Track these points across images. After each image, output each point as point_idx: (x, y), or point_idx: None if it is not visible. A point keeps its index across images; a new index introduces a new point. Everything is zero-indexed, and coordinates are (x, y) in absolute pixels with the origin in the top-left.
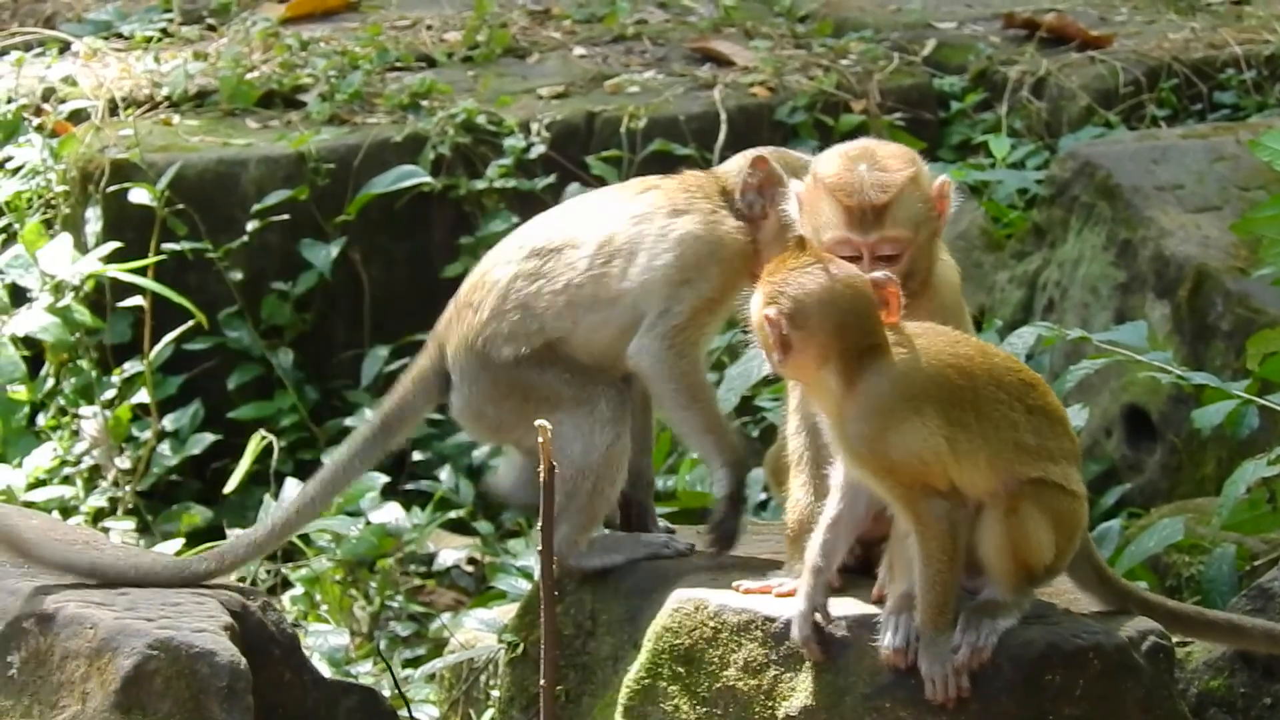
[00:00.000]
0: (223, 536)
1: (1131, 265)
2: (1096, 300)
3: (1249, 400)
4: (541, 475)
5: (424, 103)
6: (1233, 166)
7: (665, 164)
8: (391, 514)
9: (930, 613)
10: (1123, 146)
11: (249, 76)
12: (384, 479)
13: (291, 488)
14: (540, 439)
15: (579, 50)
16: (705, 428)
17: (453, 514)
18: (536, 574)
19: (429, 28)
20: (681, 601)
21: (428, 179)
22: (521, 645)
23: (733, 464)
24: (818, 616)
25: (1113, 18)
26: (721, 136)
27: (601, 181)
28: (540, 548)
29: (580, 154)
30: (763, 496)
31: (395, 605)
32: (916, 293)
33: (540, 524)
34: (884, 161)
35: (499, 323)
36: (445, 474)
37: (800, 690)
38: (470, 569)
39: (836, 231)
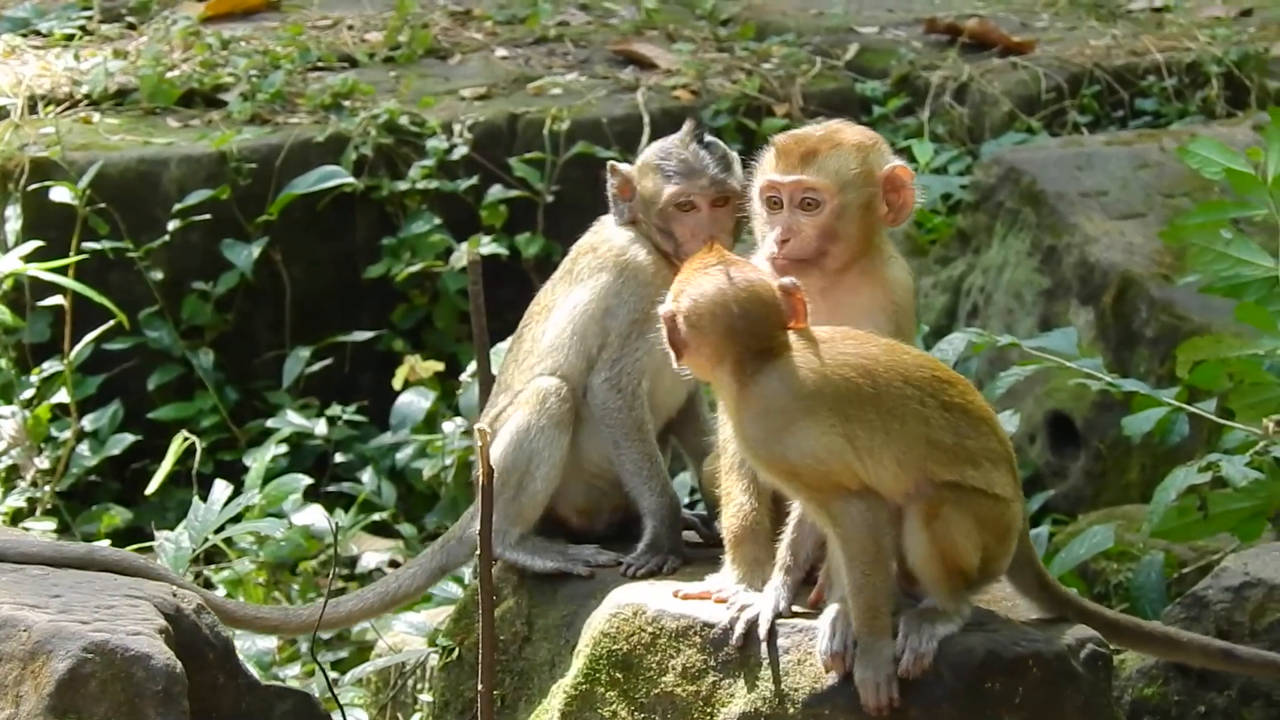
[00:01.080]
0: (143, 538)
1: (1056, 271)
2: (1021, 306)
3: (1179, 408)
4: (480, 479)
5: (346, 103)
6: (1157, 173)
7: (588, 167)
8: (314, 516)
9: (862, 617)
10: (1047, 152)
11: (169, 75)
12: (307, 481)
13: (219, 490)
14: (479, 442)
15: (501, 52)
16: (633, 469)
17: (376, 516)
18: (467, 577)
19: (350, 28)
20: (620, 606)
21: (350, 179)
22: (456, 650)
23: (655, 511)
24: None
25: (1034, 24)
26: (645, 139)
27: (523, 183)
28: (479, 551)
29: (503, 155)
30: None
31: None
32: (851, 275)
33: (478, 526)
34: (839, 128)
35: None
36: (367, 476)
37: (739, 696)
38: (392, 571)
39: (765, 174)
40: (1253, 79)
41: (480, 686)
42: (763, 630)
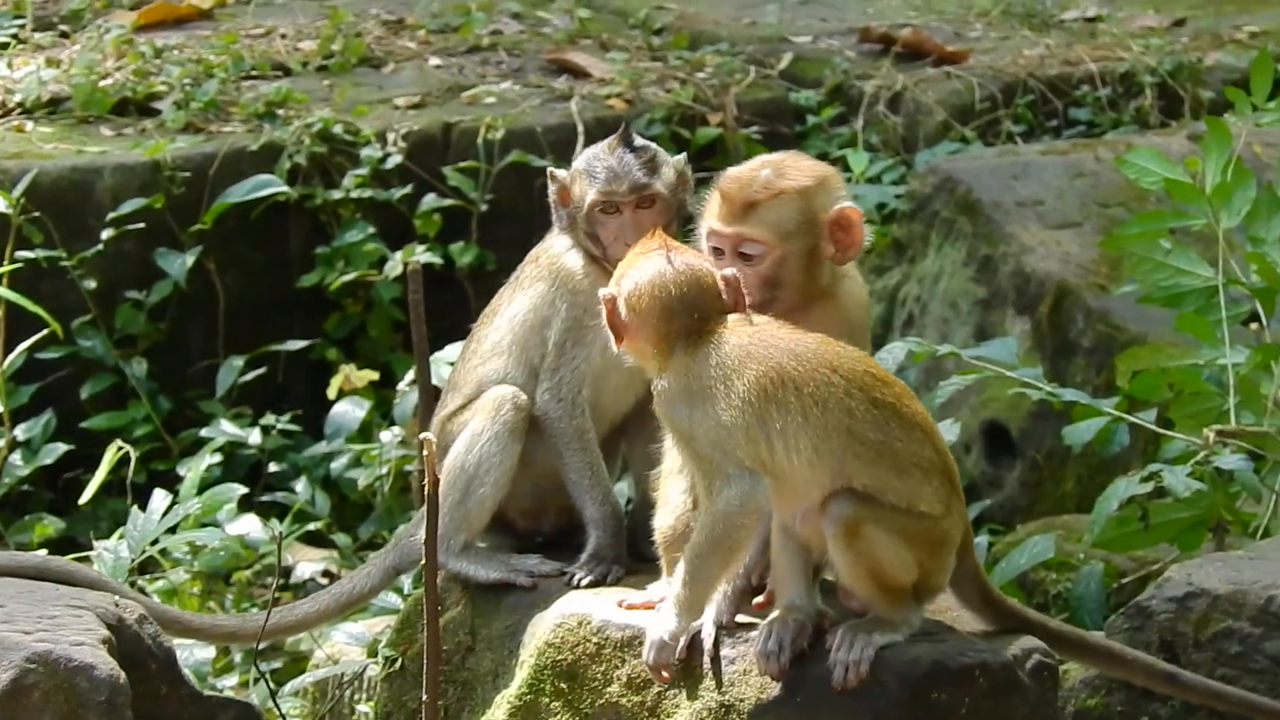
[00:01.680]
0: (76, 548)
1: (992, 281)
2: (956, 316)
3: (1119, 417)
4: (426, 487)
5: (280, 112)
6: (1092, 183)
7: (522, 175)
8: (249, 526)
9: (677, 590)
10: (983, 162)
11: (103, 84)
12: (241, 490)
13: (158, 499)
14: (424, 451)
15: (434, 61)
16: (576, 478)
17: (310, 526)
18: (408, 586)
19: (283, 36)
20: (564, 616)
21: (284, 188)
22: (399, 660)
23: (599, 520)
24: (716, 631)
25: (968, 34)
26: (579, 148)
27: (457, 192)
28: (424, 561)
29: (437, 164)
30: None
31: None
32: (810, 306)
33: (424, 536)
34: (786, 168)
35: None
36: (301, 486)
37: (684, 707)
38: (326, 581)
39: (708, 221)
40: (1186, 89)
41: (425, 697)
42: (706, 641)
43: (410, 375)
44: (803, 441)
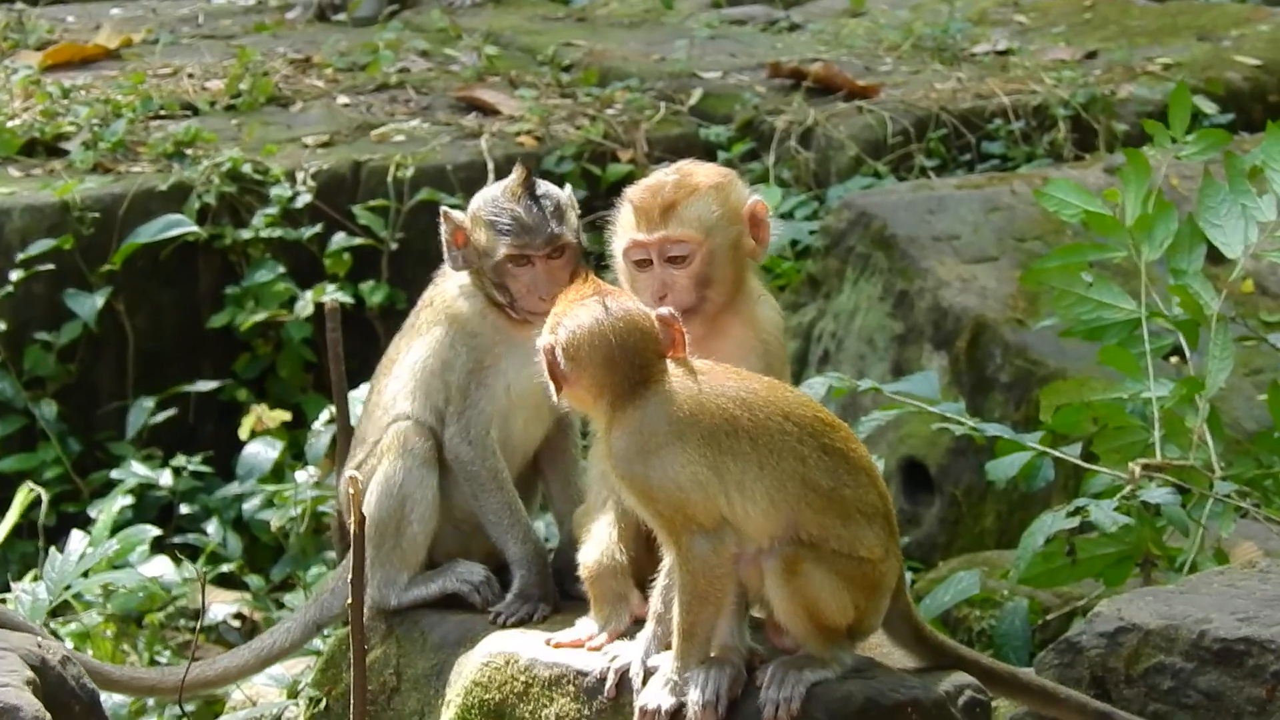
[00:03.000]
0: None
1: (909, 316)
2: (873, 352)
3: (1044, 452)
4: (352, 527)
5: (189, 151)
6: (1008, 217)
7: (432, 213)
8: (161, 568)
9: (678, 650)
10: (898, 196)
11: (11, 124)
12: (154, 532)
13: (76, 540)
14: (350, 490)
15: (343, 99)
16: (495, 519)
17: (223, 568)
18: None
19: (191, 76)
20: (492, 655)
21: (193, 228)
22: (324, 700)
23: (521, 559)
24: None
25: (878, 68)
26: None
27: (367, 231)
28: (350, 601)
29: (347, 203)
30: None
31: (164, 660)
32: (721, 315)
33: (350, 576)
34: (690, 171)
35: None
36: (213, 527)
37: None
38: (239, 624)
39: (627, 235)
40: (1100, 121)
41: None
42: (635, 680)
43: (325, 415)
44: (758, 492)
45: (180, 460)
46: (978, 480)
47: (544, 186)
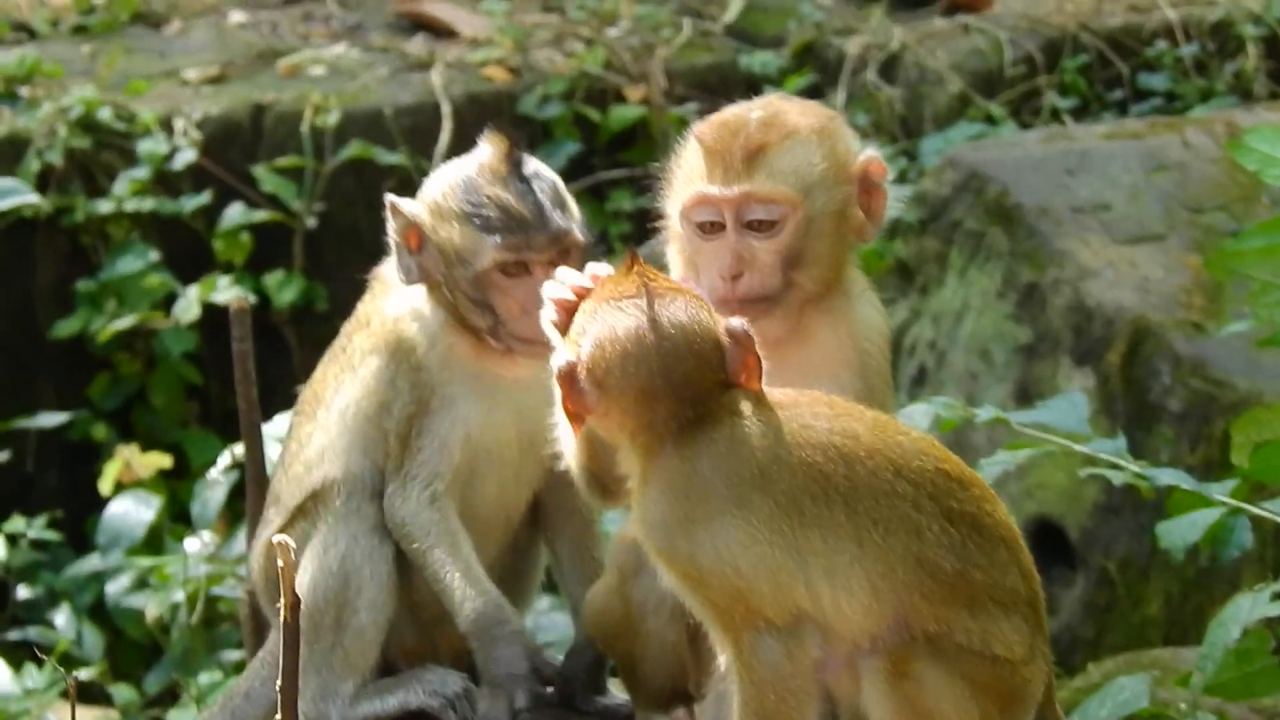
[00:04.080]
0: None
1: (1039, 319)
2: (989, 369)
3: (1238, 509)
4: (281, 611)
5: (23, 90)
6: (1178, 179)
7: (365, 177)
8: None
9: None
10: (1022, 151)
11: None
12: None
13: None
14: (280, 560)
15: (237, 16)
16: (444, 583)
17: (79, 674)
18: None
19: None
20: None
21: (31, 198)
22: None
23: (481, 628)
24: None
25: None
26: (444, 138)
27: (274, 202)
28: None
29: (245, 162)
30: None
31: None
32: (808, 311)
33: (278, 681)
34: (783, 107)
35: None
36: (63, 618)
37: None
38: None
39: (693, 186)
40: None
41: None
42: None
43: (223, 459)
44: (856, 580)
45: (17, 524)
46: (1138, 549)
47: (533, 163)
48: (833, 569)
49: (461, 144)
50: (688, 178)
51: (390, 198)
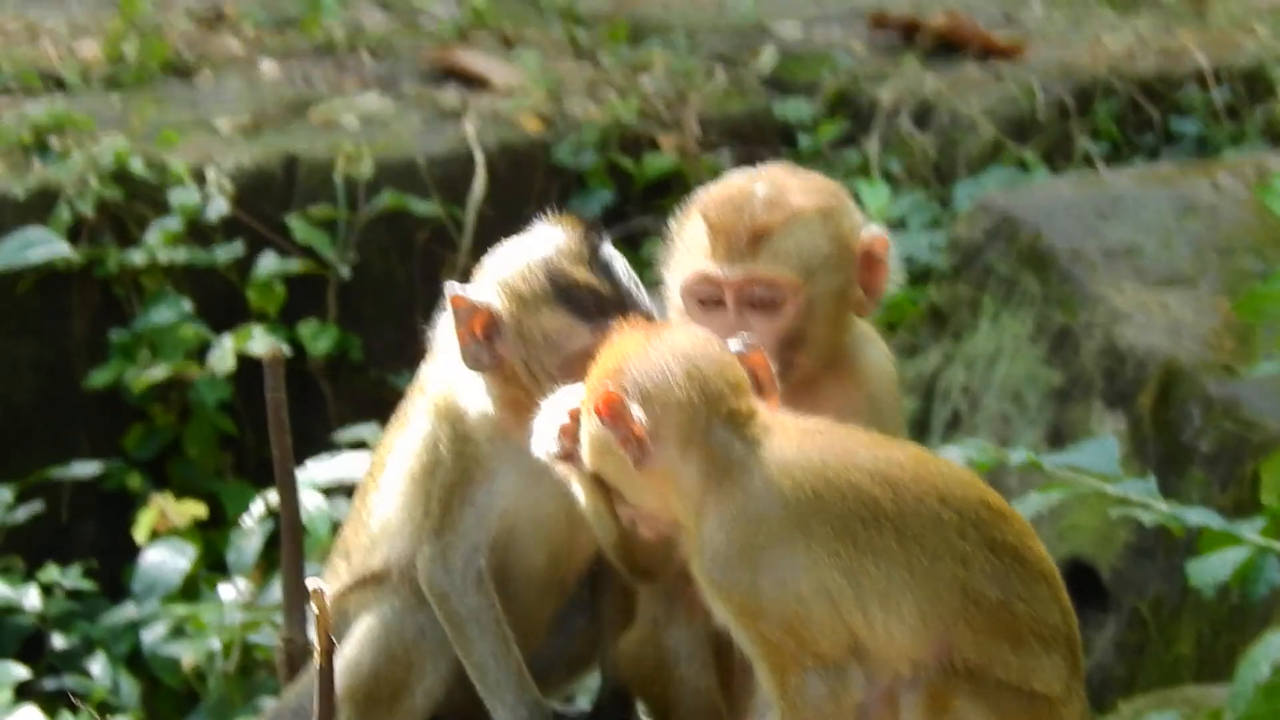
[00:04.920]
0: None
1: (1071, 363)
2: (1022, 412)
3: (1267, 547)
4: (317, 658)
5: (54, 141)
6: (1209, 222)
7: (398, 226)
8: None
9: None
10: (1054, 195)
11: None
12: (20, 673)
13: None
14: (315, 606)
15: (268, 66)
16: (478, 673)
17: None
18: None
19: (55, 35)
20: None
21: (63, 250)
22: None
23: None
24: None
25: (1023, 16)
26: (478, 187)
27: (308, 252)
28: None
29: (278, 212)
30: None
31: None
32: (820, 378)
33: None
34: (788, 184)
35: None
36: (99, 666)
37: None
38: None
39: (695, 263)
40: None
41: None
42: None
43: (257, 508)
44: (906, 606)
45: (52, 573)
46: (1169, 589)
47: (608, 246)
48: (886, 595)
49: (495, 193)
50: (689, 253)
51: (452, 286)
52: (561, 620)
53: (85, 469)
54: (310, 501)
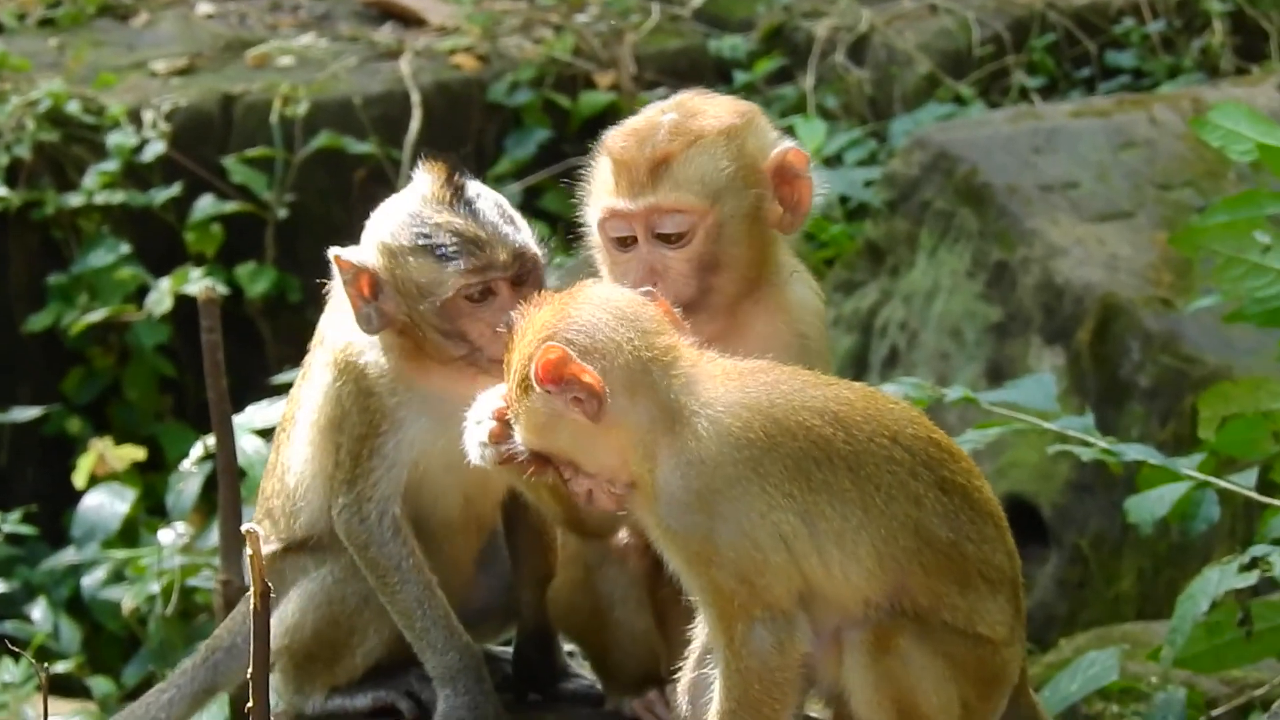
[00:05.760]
0: None
1: (1009, 298)
2: (960, 348)
3: (1205, 483)
4: (251, 600)
5: None
6: (1146, 156)
7: (335, 166)
8: None
9: None
10: (990, 130)
11: None
12: None
13: None
14: (249, 550)
15: (204, 7)
16: (404, 620)
17: (56, 667)
18: None
19: None
20: None
21: (0, 193)
22: None
23: (444, 673)
24: None
25: None
26: (414, 126)
27: (245, 193)
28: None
29: (215, 154)
30: None
31: None
32: (738, 306)
33: (251, 670)
34: (694, 109)
35: None
36: (39, 611)
37: None
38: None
39: (603, 201)
40: (1271, 19)
41: None
42: None
43: (196, 450)
44: (863, 546)
45: None
46: (1110, 526)
47: (475, 185)
48: (842, 535)
49: (432, 132)
50: (600, 191)
51: (332, 252)
52: (491, 566)
53: (24, 413)
54: (249, 445)
